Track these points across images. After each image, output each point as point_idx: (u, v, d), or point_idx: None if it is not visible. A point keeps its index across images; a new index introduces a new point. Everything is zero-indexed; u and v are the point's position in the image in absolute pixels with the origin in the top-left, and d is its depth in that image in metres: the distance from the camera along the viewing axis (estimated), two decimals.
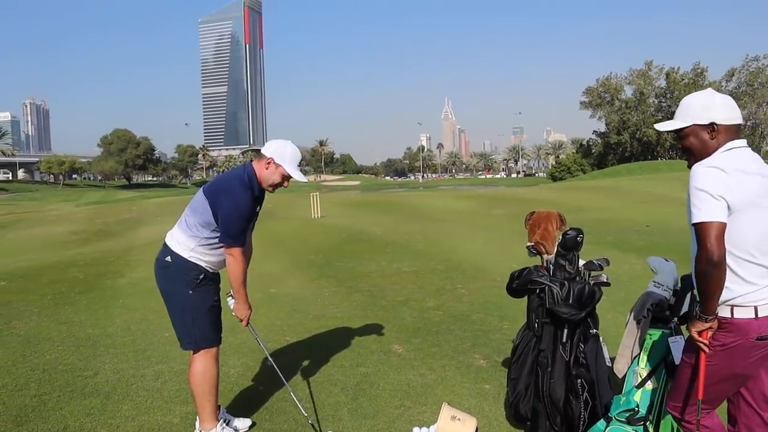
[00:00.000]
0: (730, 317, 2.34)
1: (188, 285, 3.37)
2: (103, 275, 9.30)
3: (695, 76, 78.45)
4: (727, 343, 2.35)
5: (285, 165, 3.40)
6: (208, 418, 3.46)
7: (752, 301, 2.32)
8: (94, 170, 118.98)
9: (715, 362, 2.38)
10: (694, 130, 2.45)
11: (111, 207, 36.88)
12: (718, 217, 2.23)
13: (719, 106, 2.42)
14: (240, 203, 3.30)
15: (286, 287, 7.96)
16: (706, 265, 2.22)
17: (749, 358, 2.38)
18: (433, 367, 4.70)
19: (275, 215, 19.63)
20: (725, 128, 2.40)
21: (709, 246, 2.21)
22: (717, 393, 2.50)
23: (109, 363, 4.89)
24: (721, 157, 2.36)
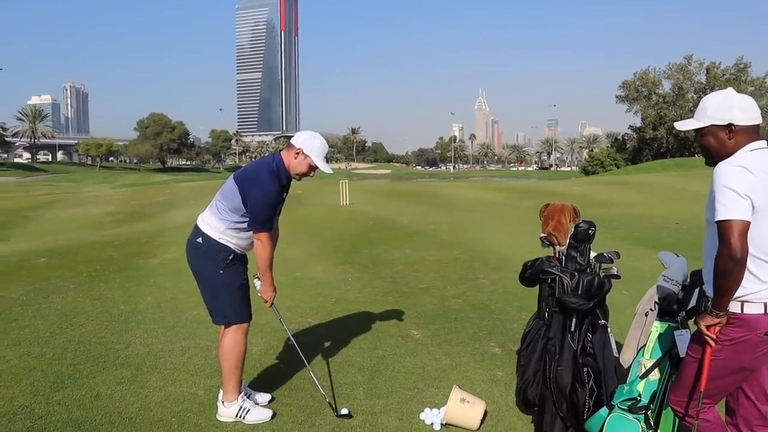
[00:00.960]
0: (740, 312, 2.40)
1: (218, 265, 3.56)
2: (137, 255, 9.62)
3: (737, 72, 76.43)
4: (736, 337, 2.42)
5: (313, 156, 3.58)
6: (231, 390, 3.65)
7: (763, 298, 2.39)
8: (130, 153, 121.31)
9: (722, 356, 2.45)
10: (712, 131, 2.49)
11: (145, 190, 37.66)
12: (744, 215, 2.27)
13: (737, 107, 2.45)
14: (268, 192, 3.49)
15: (311, 271, 8.16)
16: (729, 262, 2.26)
17: (756, 353, 2.45)
18: (448, 353, 4.84)
19: (304, 202, 19.89)
20: (743, 129, 2.43)
21: (733, 243, 2.24)
22: (721, 387, 2.58)
23: (139, 337, 5.14)
24: (746, 157, 2.40)
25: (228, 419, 3.63)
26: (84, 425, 3.48)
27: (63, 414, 3.62)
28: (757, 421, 2.66)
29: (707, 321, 2.43)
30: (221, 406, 3.67)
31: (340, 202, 19.69)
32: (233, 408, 3.63)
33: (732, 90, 2.53)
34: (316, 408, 3.80)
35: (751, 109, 2.47)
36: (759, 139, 2.46)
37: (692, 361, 2.59)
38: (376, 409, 3.81)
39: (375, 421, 3.65)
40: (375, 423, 3.63)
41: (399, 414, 3.75)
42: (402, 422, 3.64)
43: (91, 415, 3.62)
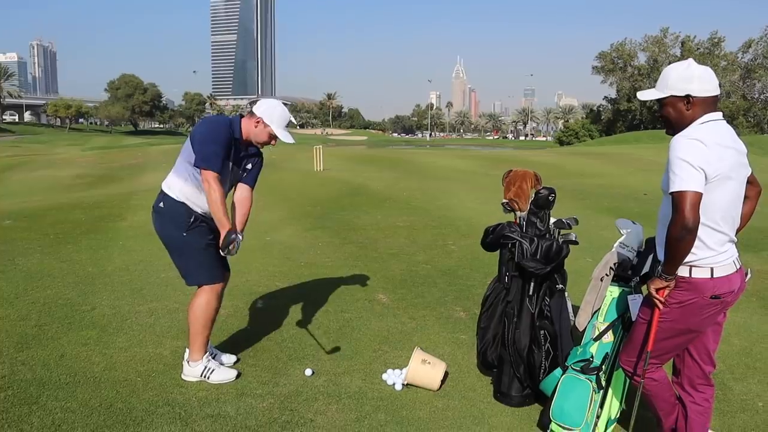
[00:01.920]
0: (689, 276, 2.50)
1: (181, 227, 3.54)
2: (105, 218, 9.52)
3: (711, 46, 76.98)
4: (684, 300, 2.52)
5: (273, 126, 3.57)
6: (197, 350, 3.68)
7: (710, 263, 2.48)
8: (100, 115, 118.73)
9: (671, 318, 2.56)
10: (671, 101, 2.53)
11: (117, 152, 37.10)
12: (696, 187, 2.33)
13: (695, 78, 2.48)
14: (214, 128, 3.51)
15: (281, 236, 8.18)
16: (681, 231, 2.34)
17: (702, 315, 2.55)
18: (413, 317, 4.94)
19: (278, 167, 19.79)
20: (701, 100, 2.48)
21: (686, 214, 2.32)
22: (669, 347, 2.69)
23: (106, 299, 5.14)
24: (700, 129, 2.45)
25: (193, 378, 3.67)
26: (48, 384, 3.50)
27: (27, 374, 3.63)
28: (700, 380, 2.79)
29: (657, 284, 2.53)
30: (186, 366, 3.71)
31: (314, 168, 19.63)
32: (198, 368, 3.67)
33: (692, 60, 2.57)
34: (280, 369, 3.87)
35: (709, 81, 2.50)
36: (716, 111, 2.51)
37: (642, 322, 2.69)
38: (340, 369, 3.90)
39: (338, 381, 3.74)
40: (338, 383, 3.71)
41: (362, 375, 3.84)
42: (365, 383, 3.73)
43: (55, 374, 3.64)
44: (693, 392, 2.81)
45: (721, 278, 2.50)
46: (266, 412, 3.33)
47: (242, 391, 3.55)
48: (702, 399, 2.80)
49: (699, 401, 2.80)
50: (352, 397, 3.53)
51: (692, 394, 2.80)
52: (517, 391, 3.51)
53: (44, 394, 3.38)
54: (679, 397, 2.86)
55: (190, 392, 3.51)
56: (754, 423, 3.42)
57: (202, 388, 3.57)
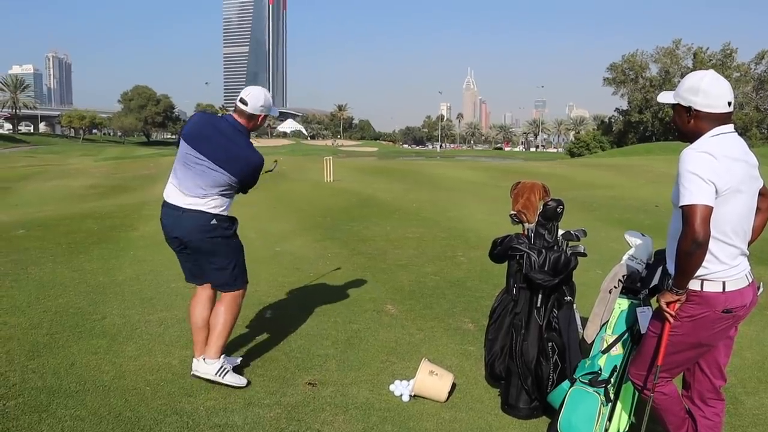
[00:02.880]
0: (700, 290, 2.48)
1: (233, 234, 3.83)
2: (117, 228, 9.60)
3: (724, 57, 76.72)
4: (695, 314, 2.50)
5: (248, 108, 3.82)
6: (217, 350, 3.74)
7: (722, 277, 2.47)
8: (114, 126, 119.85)
9: (681, 332, 2.54)
10: (678, 109, 2.56)
11: (129, 163, 37.40)
12: (706, 200, 2.32)
13: (701, 92, 2.47)
14: None
15: (290, 246, 8.20)
16: (691, 245, 2.32)
17: (713, 329, 2.54)
18: (422, 328, 4.93)
19: (288, 177, 19.87)
20: (705, 115, 2.46)
21: (696, 228, 2.31)
22: (679, 361, 2.68)
23: (116, 309, 5.17)
24: (710, 142, 2.44)
25: (205, 375, 3.70)
26: (58, 392, 3.52)
27: (37, 381, 3.66)
28: (710, 395, 2.77)
29: (668, 298, 2.51)
30: (201, 363, 3.73)
31: (325, 179, 19.70)
32: (215, 366, 3.70)
33: (713, 73, 2.53)
34: (288, 379, 3.88)
35: (718, 97, 2.47)
36: (727, 124, 2.49)
37: (653, 336, 2.68)
38: (347, 380, 3.90)
39: (346, 392, 3.74)
40: (346, 394, 3.71)
41: (370, 386, 3.83)
42: (372, 394, 3.73)
43: (65, 382, 3.66)
44: (703, 406, 2.79)
45: (733, 292, 2.48)
46: (273, 422, 3.33)
47: (250, 401, 3.56)
48: (712, 414, 2.78)
49: (709, 416, 2.78)
50: (359, 408, 3.53)
51: (702, 409, 2.78)
52: (525, 403, 3.50)
53: (54, 402, 3.40)
54: (689, 411, 2.84)
55: (198, 401, 3.53)
56: None
57: (210, 398, 3.58)
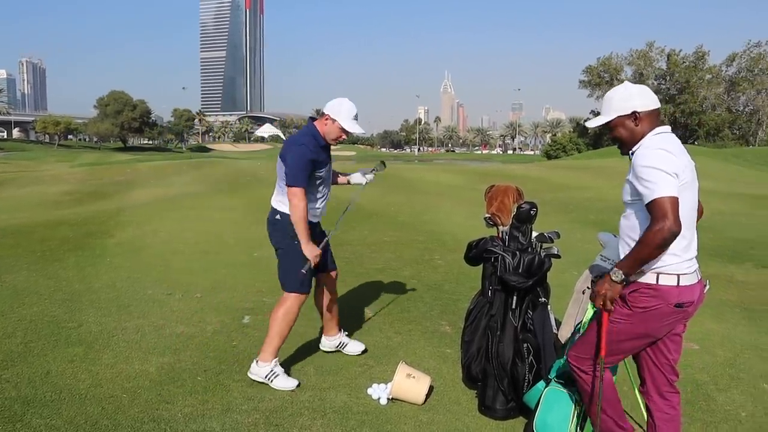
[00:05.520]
0: (656, 283, 2.56)
1: (294, 237, 3.86)
2: (93, 234, 9.49)
3: (696, 59, 77.96)
4: (649, 306, 2.58)
5: (340, 119, 3.85)
6: (270, 353, 3.89)
7: (677, 270, 2.56)
8: (89, 132, 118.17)
9: (631, 321, 2.62)
10: (620, 122, 2.68)
11: (105, 169, 36.88)
12: (674, 192, 2.42)
13: (637, 95, 2.66)
14: (300, 149, 3.81)
15: (269, 251, 8.07)
16: (669, 236, 2.40)
17: (663, 323, 2.62)
18: (399, 331, 4.97)
19: (266, 182, 19.79)
20: (646, 114, 2.63)
21: (673, 219, 2.38)
22: (623, 350, 2.75)
23: (92, 316, 5.13)
24: (658, 139, 2.59)
25: (256, 378, 3.87)
26: (33, 402, 3.49)
27: (11, 391, 3.62)
28: (666, 388, 2.84)
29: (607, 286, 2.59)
30: (254, 365, 3.90)
31: None
32: (265, 369, 3.86)
33: (628, 82, 2.75)
34: (265, 384, 3.87)
35: (648, 95, 2.67)
36: (662, 124, 2.66)
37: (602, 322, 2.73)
38: (325, 384, 3.92)
39: (324, 396, 3.76)
40: (324, 398, 3.73)
41: (348, 389, 3.86)
42: (350, 397, 3.75)
43: (40, 392, 3.63)
44: (660, 401, 2.84)
45: (685, 287, 2.57)
46: (251, 428, 3.34)
47: (228, 407, 3.56)
48: (669, 407, 2.84)
49: (666, 409, 2.84)
50: (338, 412, 3.55)
51: (659, 403, 2.84)
52: (502, 404, 3.54)
53: (29, 412, 3.37)
54: (647, 407, 2.90)
55: (176, 408, 3.52)
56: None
57: (188, 404, 3.57)
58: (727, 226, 11.61)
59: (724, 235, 10.39)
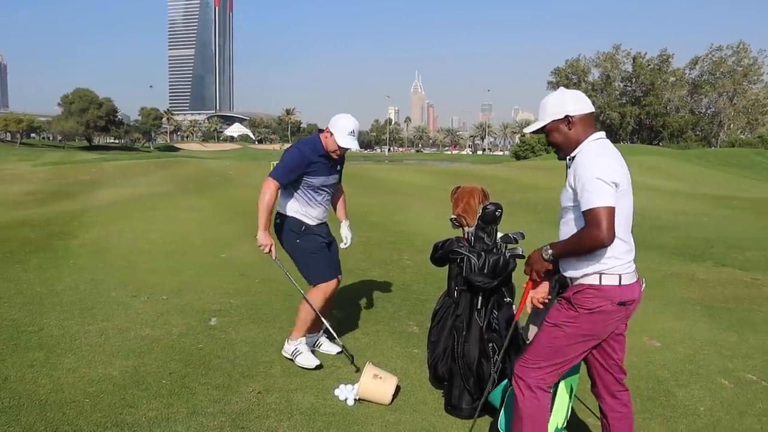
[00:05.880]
0: (599, 284, 2.60)
1: (296, 236, 4.20)
2: (56, 235, 9.30)
3: (661, 62, 79.66)
4: (593, 307, 2.61)
5: (335, 134, 4.05)
6: (297, 332, 4.27)
7: (619, 270, 2.60)
8: (53, 130, 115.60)
9: (578, 323, 2.65)
10: (554, 126, 2.71)
11: (70, 168, 36.22)
12: (612, 202, 2.46)
13: (570, 100, 2.69)
14: (295, 151, 4.10)
15: (237, 252, 8.12)
16: (598, 245, 2.47)
17: (607, 321, 2.66)
18: (367, 332, 4.97)
19: (234, 182, 19.66)
20: (579, 118, 2.66)
21: (605, 229, 2.43)
22: (570, 354, 2.73)
23: (54, 319, 5.02)
24: (597, 146, 2.63)
25: (286, 354, 4.27)
26: None
27: None
28: (616, 387, 2.87)
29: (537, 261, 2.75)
30: (286, 342, 4.32)
31: None
32: (290, 346, 4.24)
33: (563, 88, 2.80)
34: (232, 386, 3.85)
35: (582, 100, 2.70)
36: (597, 129, 2.70)
37: (550, 326, 2.74)
38: (292, 386, 3.90)
39: (291, 398, 3.74)
40: (291, 400, 3.71)
41: (315, 391, 3.85)
42: (317, 399, 3.74)
43: None
44: (611, 400, 2.88)
45: (627, 286, 2.62)
46: (217, 431, 3.31)
47: (193, 410, 3.52)
48: (620, 405, 2.88)
49: (618, 408, 2.87)
50: (304, 414, 3.54)
51: (610, 403, 2.88)
52: (468, 403, 3.57)
53: None
54: (601, 409, 2.93)
55: (140, 412, 3.47)
56: (696, 427, 3.56)
57: (152, 408, 3.52)
58: (689, 225, 11.88)
59: (686, 234, 10.63)
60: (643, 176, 27.90)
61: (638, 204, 2.81)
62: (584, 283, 2.62)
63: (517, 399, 2.79)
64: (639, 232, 6.67)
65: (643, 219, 12.79)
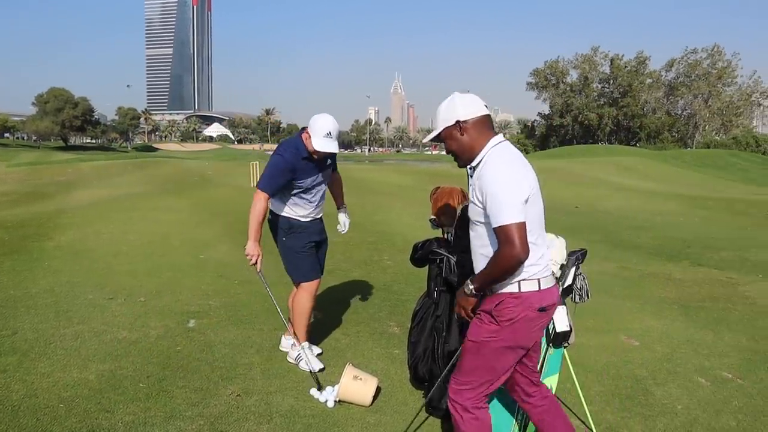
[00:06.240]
0: (518, 291, 2.52)
1: (283, 233, 4.22)
2: (30, 237, 9.15)
3: (638, 64, 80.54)
4: (515, 317, 2.53)
5: (312, 134, 3.96)
6: (300, 336, 4.27)
7: (537, 275, 2.55)
8: (28, 130, 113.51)
9: (501, 336, 2.56)
10: (448, 133, 2.62)
11: (45, 168, 35.63)
12: (521, 217, 2.38)
13: (460, 105, 2.59)
14: (279, 158, 3.99)
15: (215, 253, 8.05)
16: (515, 263, 2.38)
17: (531, 329, 2.60)
18: (347, 333, 4.96)
19: (213, 182, 19.52)
20: (472, 123, 2.57)
21: (518, 246, 2.35)
22: (502, 368, 2.66)
23: (29, 323, 4.93)
24: (499, 153, 2.53)
25: (291, 360, 4.27)
26: None
27: None
28: (531, 388, 2.86)
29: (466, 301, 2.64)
30: (290, 349, 4.33)
31: (251, 184, 19.40)
32: (294, 352, 4.26)
33: (456, 93, 2.67)
34: (210, 389, 3.81)
35: (472, 103, 2.60)
36: (495, 133, 2.62)
37: (472, 343, 2.65)
38: (272, 388, 3.87)
39: (270, 400, 3.71)
40: (270, 402, 3.68)
41: (294, 393, 3.82)
42: (297, 401, 3.71)
43: None
44: (529, 398, 2.86)
45: (546, 290, 2.58)
46: None
47: (171, 414, 3.48)
48: (541, 398, 2.86)
49: (540, 402, 2.85)
50: (284, 416, 3.51)
51: (530, 401, 2.85)
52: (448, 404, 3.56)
53: None
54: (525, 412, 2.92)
55: (117, 417, 3.42)
56: (673, 425, 3.59)
57: (129, 412, 3.47)
58: (666, 226, 12.02)
59: (663, 234, 10.76)
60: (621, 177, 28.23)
61: (616, 204, 2.85)
62: (504, 292, 2.53)
63: (456, 422, 2.69)
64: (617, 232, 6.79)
65: (620, 219, 12.93)
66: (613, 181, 25.90)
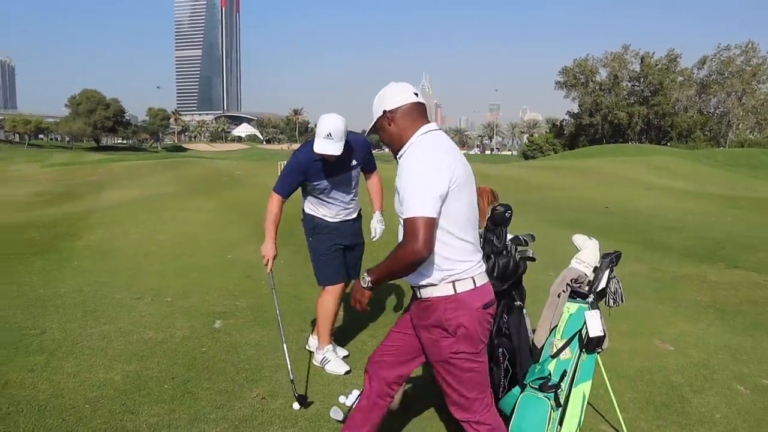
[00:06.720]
0: (454, 293, 2.42)
1: (309, 234, 4.20)
2: (61, 237, 9.26)
3: (668, 62, 79.09)
4: (462, 322, 2.41)
5: (316, 137, 3.78)
6: (321, 340, 4.23)
7: (470, 273, 2.44)
8: (61, 131, 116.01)
9: (462, 347, 2.45)
10: (379, 125, 2.56)
11: (77, 169, 36.33)
12: (432, 212, 2.27)
13: (388, 95, 2.52)
14: (291, 159, 4.00)
15: (243, 254, 8.04)
16: (416, 259, 2.26)
17: (482, 325, 2.48)
18: (374, 335, 4.90)
19: (242, 182, 19.61)
20: (401, 113, 2.49)
21: (421, 241, 2.24)
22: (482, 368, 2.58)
23: (57, 322, 4.96)
24: (422, 142, 2.44)
25: (316, 363, 4.21)
26: None
27: None
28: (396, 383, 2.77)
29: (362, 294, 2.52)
30: (316, 352, 4.27)
31: None
32: (319, 355, 4.21)
33: (392, 83, 2.59)
34: (235, 392, 3.78)
35: (402, 92, 2.52)
36: (427, 121, 2.52)
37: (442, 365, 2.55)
38: (299, 391, 3.81)
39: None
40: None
41: (320, 397, 3.77)
42: (323, 405, 3.65)
43: None
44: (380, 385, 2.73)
45: (482, 286, 2.48)
46: None
47: (195, 416, 3.44)
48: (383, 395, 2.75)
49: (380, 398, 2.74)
50: (310, 420, 3.46)
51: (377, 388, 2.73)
52: None
53: None
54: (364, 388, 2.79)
55: (141, 419, 3.40)
56: None
57: (154, 414, 3.45)
58: (698, 225, 11.72)
59: (695, 234, 10.48)
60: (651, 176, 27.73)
61: (647, 204, 2.74)
62: (440, 296, 2.42)
63: None
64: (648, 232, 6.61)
65: (651, 218, 12.65)
66: (643, 180, 25.45)
